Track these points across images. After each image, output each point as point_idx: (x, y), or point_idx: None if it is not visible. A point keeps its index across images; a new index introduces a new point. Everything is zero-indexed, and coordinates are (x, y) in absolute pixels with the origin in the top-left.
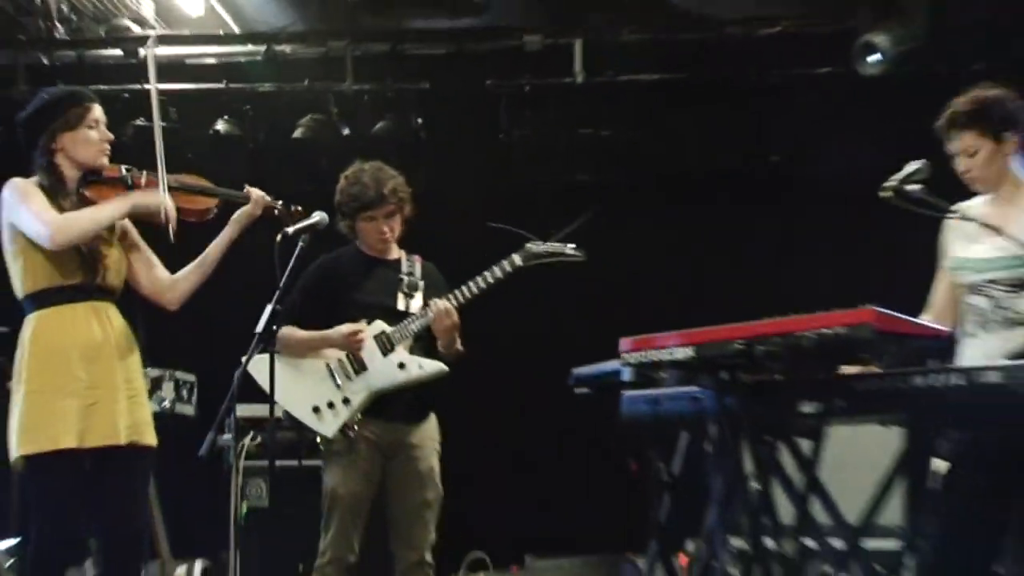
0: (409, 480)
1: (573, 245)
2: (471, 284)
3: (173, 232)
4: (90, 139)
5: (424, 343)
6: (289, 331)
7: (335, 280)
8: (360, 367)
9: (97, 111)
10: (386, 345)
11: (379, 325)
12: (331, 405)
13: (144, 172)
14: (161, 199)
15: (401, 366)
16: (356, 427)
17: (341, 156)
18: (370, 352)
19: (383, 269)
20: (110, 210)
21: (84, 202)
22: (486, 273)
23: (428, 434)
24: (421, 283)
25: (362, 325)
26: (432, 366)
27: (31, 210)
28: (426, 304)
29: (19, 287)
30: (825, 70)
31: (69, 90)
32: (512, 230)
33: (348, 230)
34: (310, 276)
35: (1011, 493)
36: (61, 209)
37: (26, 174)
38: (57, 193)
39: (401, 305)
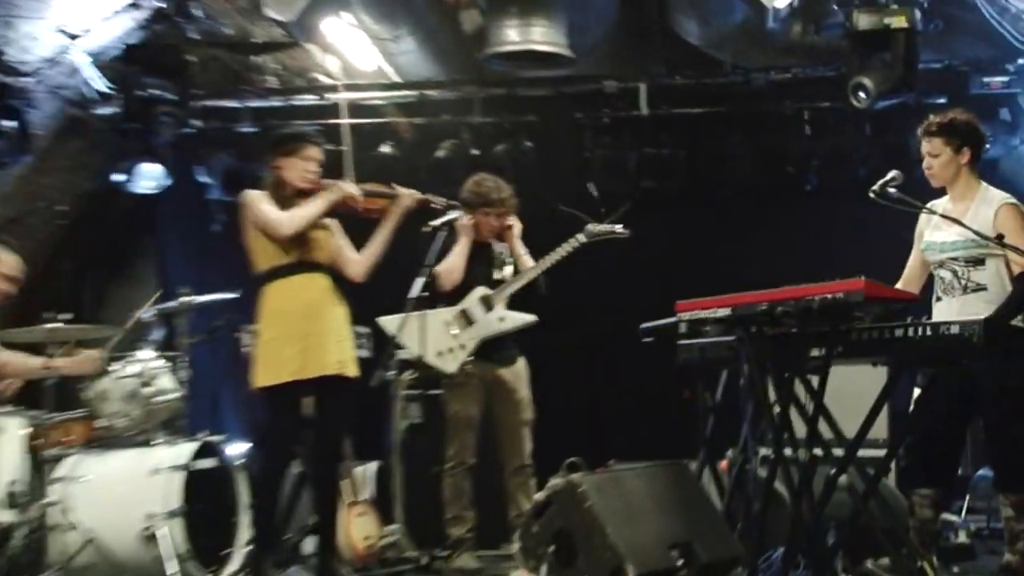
0: (508, 406)
1: (620, 225)
2: (552, 255)
3: (369, 211)
4: (297, 167)
5: (515, 302)
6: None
7: None
8: (470, 321)
9: (312, 150)
10: (488, 304)
11: (481, 290)
12: (451, 350)
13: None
14: (345, 190)
15: (501, 319)
16: (469, 366)
17: (471, 170)
18: (477, 310)
19: (483, 250)
20: (313, 208)
21: (296, 206)
22: (559, 248)
23: (519, 372)
24: (509, 260)
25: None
26: (524, 318)
27: (267, 212)
28: (516, 273)
29: (256, 265)
30: (825, 104)
31: (298, 130)
32: (576, 213)
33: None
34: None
35: (966, 412)
36: (280, 208)
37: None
38: (277, 197)
39: (496, 275)
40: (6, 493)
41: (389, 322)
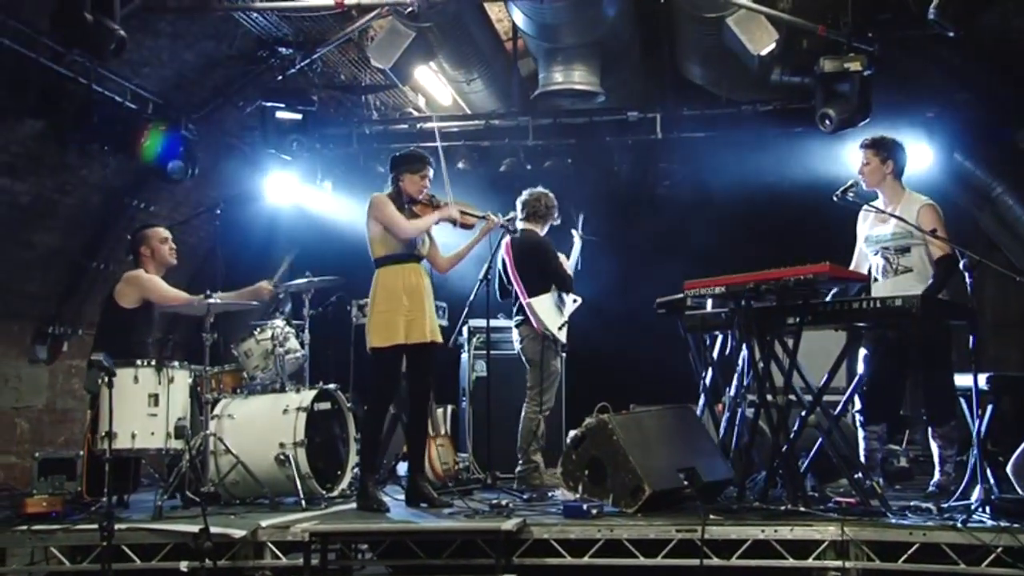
0: None
1: (578, 231)
2: (573, 253)
3: (463, 226)
4: (416, 183)
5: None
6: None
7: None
8: (563, 303)
9: (427, 170)
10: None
11: None
12: (563, 326)
13: (442, 198)
14: (452, 214)
15: (575, 300)
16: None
17: (527, 181)
18: (565, 296)
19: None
20: (428, 221)
21: (411, 212)
22: (573, 250)
23: None
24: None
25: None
26: (578, 298)
27: (395, 216)
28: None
29: (372, 254)
30: (799, 129)
31: (420, 153)
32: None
33: (539, 222)
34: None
35: (905, 366)
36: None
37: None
38: (398, 205)
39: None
40: (176, 426)
41: (547, 321)
